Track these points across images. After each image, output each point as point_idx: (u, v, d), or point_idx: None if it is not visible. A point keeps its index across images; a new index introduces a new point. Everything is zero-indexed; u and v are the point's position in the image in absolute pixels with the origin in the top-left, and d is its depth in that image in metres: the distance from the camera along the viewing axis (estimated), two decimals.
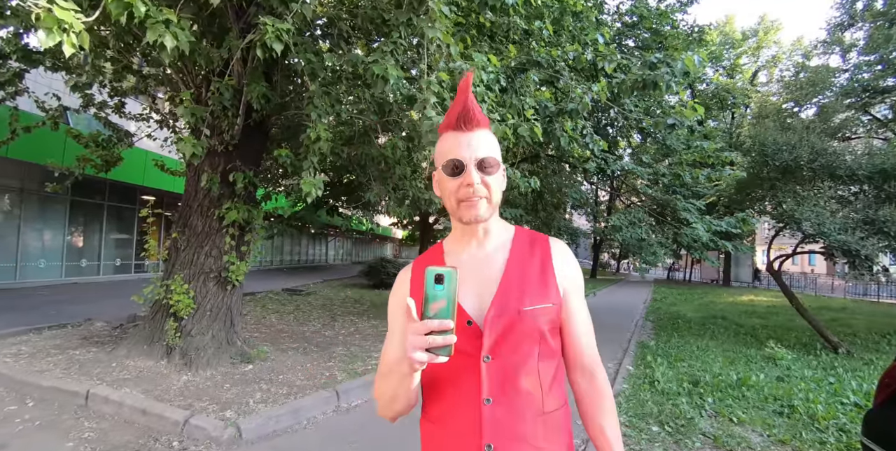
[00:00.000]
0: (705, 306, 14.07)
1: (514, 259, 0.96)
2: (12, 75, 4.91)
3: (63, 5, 2.01)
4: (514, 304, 0.90)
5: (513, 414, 0.87)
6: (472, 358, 0.88)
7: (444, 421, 0.91)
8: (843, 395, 4.66)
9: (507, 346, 0.89)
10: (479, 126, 0.92)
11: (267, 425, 3.36)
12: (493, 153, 0.92)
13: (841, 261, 7.41)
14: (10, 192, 9.74)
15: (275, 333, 6.31)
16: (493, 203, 0.93)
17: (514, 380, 0.88)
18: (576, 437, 3.55)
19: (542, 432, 0.89)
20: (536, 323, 0.90)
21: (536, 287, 0.93)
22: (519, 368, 0.89)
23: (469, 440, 0.86)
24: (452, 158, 0.91)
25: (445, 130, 0.95)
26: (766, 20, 28.06)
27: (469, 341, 0.88)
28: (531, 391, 0.89)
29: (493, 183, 0.92)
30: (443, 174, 0.93)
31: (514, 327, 0.89)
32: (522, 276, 0.94)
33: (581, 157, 5.81)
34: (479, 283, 0.93)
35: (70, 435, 3.09)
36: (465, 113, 0.91)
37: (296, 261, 22.12)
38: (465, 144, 0.91)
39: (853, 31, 19.88)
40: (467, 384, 0.88)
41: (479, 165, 0.90)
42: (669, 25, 10.47)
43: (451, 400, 0.90)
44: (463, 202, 0.91)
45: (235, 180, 4.39)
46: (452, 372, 0.89)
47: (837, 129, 18.34)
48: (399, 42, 3.46)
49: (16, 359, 4.38)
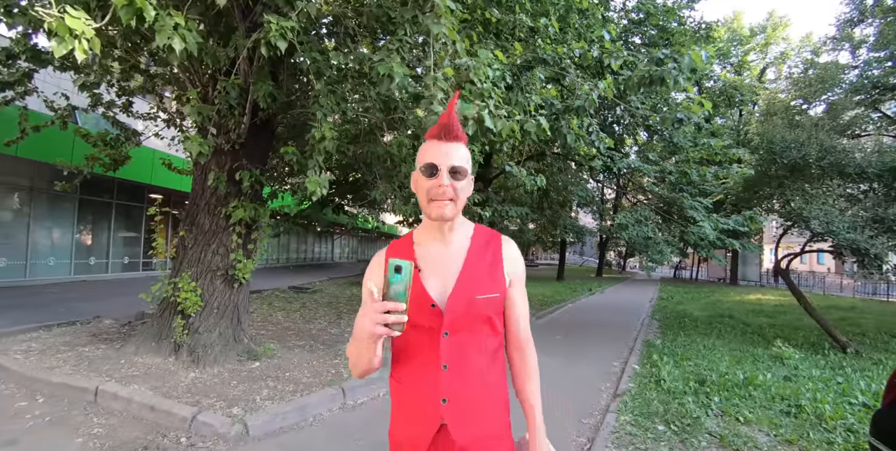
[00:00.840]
0: (712, 304, 13.99)
1: (471, 255, 1.16)
2: (22, 75, 4.96)
3: (74, 14, 2.03)
4: (470, 293, 1.11)
5: (463, 377, 1.10)
6: (434, 333, 1.11)
7: (410, 381, 1.14)
8: (852, 395, 4.62)
9: (462, 325, 1.11)
10: (456, 140, 1.11)
11: (273, 421, 3.38)
12: (464, 164, 1.11)
13: (850, 260, 7.35)
14: (20, 190, 9.84)
15: (281, 330, 6.34)
16: (458, 205, 1.12)
17: (466, 352, 1.11)
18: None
19: (483, 391, 1.13)
20: (485, 309, 1.12)
21: (487, 280, 1.14)
22: (470, 342, 1.12)
23: (430, 396, 1.10)
24: (430, 162, 1.09)
25: (429, 137, 1.13)
26: (774, 16, 27.78)
27: (432, 319, 1.10)
28: (478, 360, 1.12)
29: (461, 188, 1.11)
30: (420, 174, 1.12)
31: (469, 310, 1.11)
32: (477, 269, 1.15)
33: (587, 154, 5.79)
34: (442, 273, 1.14)
35: (80, 431, 3.13)
36: (447, 126, 1.09)
37: (302, 259, 22.22)
38: (443, 153, 1.09)
39: (863, 26, 19.63)
40: (429, 353, 1.11)
41: (450, 171, 1.08)
42: (676, 22, 10.39)
43: (416, 365, 1.13)
44: (433, 201, 1.10)
45: (242, 179, 4.42)
46: (418, 344, 1.12)
47: (847, 126, 18.15)
48: (405, 40, 3.46)
49: (26, 356, 4.43)
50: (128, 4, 2.28)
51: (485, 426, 1.12)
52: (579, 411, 4.12)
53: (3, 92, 5.05)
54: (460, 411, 1.10)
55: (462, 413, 1.10)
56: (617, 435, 3.47)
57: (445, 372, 1.10)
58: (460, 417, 1.09)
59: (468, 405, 1.11)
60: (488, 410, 1.14)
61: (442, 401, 1.09)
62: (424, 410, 1.11)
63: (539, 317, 9.84)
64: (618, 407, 4.04)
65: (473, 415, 1.11)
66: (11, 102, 5.24)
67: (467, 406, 1.11)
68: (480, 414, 1.12)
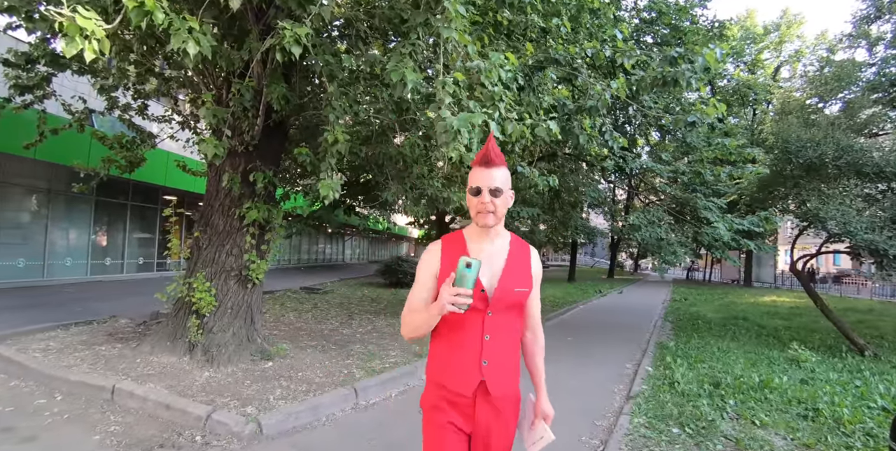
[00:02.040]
0: (726, 306, 13.83)
1: (511, 257, 1.51)
2: (40, 79, 5.06)
3: (85, 14, 2.06)
4: (511, 285, 1.46)
5: (498, 346, 1.46)
6: (480, 312, 1.44)
7: (457, 347, 1.46)
8: (870, 399, 4.54)
9: (502, 308, 1.46)
10: (495, 165, 1.43)
11: (287, 421, 3.40)
12: (501, 185, 1.43)
13: (867, 261, 7.21)
14: (39, 192, 10.02)
15: (294, 331, 6.39)
16: (498, 216, 1.45)
17: (502, 328, 1.47)
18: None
19: (510, 358, 1.49)
20: (519, 298, 1.49)
21: (522, 277, 1.50)
22: (505, 322, 1.48)
23: (474, 358, 1.44)
24: (475, 185, 1.43)
25: (474, 165, 1.47)
26: (788, 14, 27.41)
27: (481, 302, 1.43)
28: (508, 335, 1.50)
29: (500, 203, 1.44)
30: (469, 194, 1.46)
31: (509, 298, 1.46)
32: (515, 268, 1.50)
33: (599, 155, 5.75)
34: (489, 267, 1.47)
35: (97, 428, 3.18)
36: (487, 156, 1.43)
37: (313, 260, 22.34)
38: (485, 177, 1.43)
39: (880, 23, 19.29)
40: (474, 326, 1.45)
41: (491, 191, 1.42)
42: (689, 21, 10.27)
43: (464, 335, 1.45)
44: (479, 213, 1.44)
45: (256, 180, 4.46)
46: (467, 319, 1.44)
47: (864, 125, 17.85)
48: (417, 43, 3.46)
49: (44, 354, 4.51)
50: (138, 6, 2.31)
51: (509, 384, 1.49)
52: (592, 413, 4.09)
53: (22, 96, 5.15)
54: (495, 371, 1.45)
55: (496, 373, 1.45)
56: (631, 438, 3.44)
57: (488, 342, 1.44)
58: (495, 375, 1.45)
59: (500, 367, 1.46)
60: (511, 372, 1.50)
61: (483, 363, 1.43)
62: (470, 369, 1.44)
63: (550, 319, 9.80)
64: (631, 409, 4.01)
65: (503, 375, 1.46)
66: (30, 106, 5.34)
67: (500, 368, 1.46)
68: (507, 374, 1.48)
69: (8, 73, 4.99)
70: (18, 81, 4.99)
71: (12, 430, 3.09)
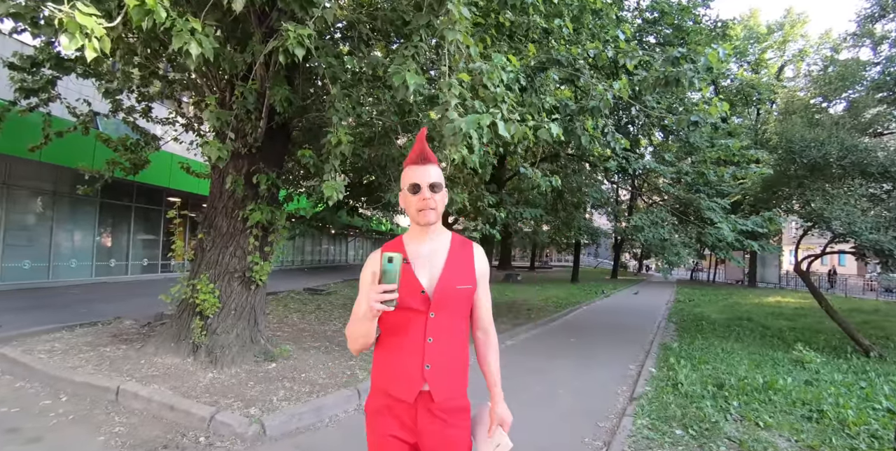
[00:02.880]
0: (730, 307, 13.77)
1: (452, 254, 1.47)
2: (45, 82, 5.10)
3: (85, 11, 2.07)
4: (452, 283, 1.41)
5: (441, 349, 1.40)
6: (422, 314, 1.39)
7: (398, 350, 1.41)
8: (875, 400, 4.51)
9: (444, 308, 1.40)
10: (429, 163, 1.43)
11: (290, 422, 3.42)
12: (439, 180, 1.42)
13: (873, 261, 7.18)
14: (44, 194, 10.09)
15: (297, 332, 6.40)
16: (438, 212, 1.44)
17: (445, 329, 1.41)
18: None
19: (454, 361, 1.43)
20: (462, 297, 1.44)
21: (464, 274, 1.45)
22: (448, 322, 1.42)
23: (416, 362, 1.38)
24: (414, 182, 1.40)
25: (408, 164, 1.45)
26: (792, 13, 27.30)
27: (421, 303, 1.39)
28: (452, 336, 1.43)
29: (439, 199, 1.43)
30: (406, 193, 1.43)
31: (451, 297, 1.41)
32: (457, 266, 1.45)
33: (602, 155, 5.75)
34: (429, 267, 1.43)
35: (101, 429, 3.19)
36: (422, 154, 1.42)
37: (317, 261, 22.38)
38: (422, 174, 1.41)
39: (885, 22, 19.16)
40: (417, 329, 1.39)
41: (430, 187, 1.40)
42: (692, 21, 10.26)
43: (405, 338, 1.40)
44: (420, 211, 1.41)
45: (259, 182, 4.47)
46: (407, 322, 1.40)
47: (869, 124, 17.75)
48: (420, 45, 3.47)
49: (50, 355, 4.54)
50: (139, 5, 2.32)
51: (454, 389, 1.43)
52: (595, 414, 4.08)
53: (27, 99, 5.20)
54: (439, 375, 1.39)
55: (440, 377, 1.39)
56: (634, 439, 3.43)
57: (430, 344, 1.39)
58: (439, 380, 1.39)
59: (445, 371, 1.40)
60: (458, 376, 1.45)
61: (426, 367, 1.38)
62: (412, 373, 1.38)
63: (553, 319, 9.79)
64: (634, 411, 4.00)
65: (448, 379, 1.41)
66: (35, 109, 5.38)
67: (444, 372, 1.40)
68: (453, 379, 1.42)
69: (13, 77, 5.03)
70: (24, 84, 5.03)
71: (18, 431, 3.11)
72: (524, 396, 4.49)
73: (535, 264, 37.55)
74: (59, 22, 2.04)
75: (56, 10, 2.05)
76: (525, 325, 8.42)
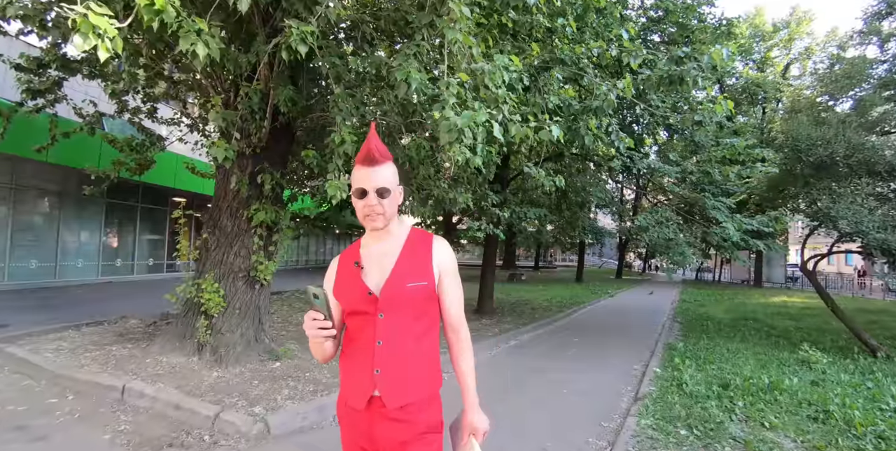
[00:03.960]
0: (735, 307, 13.70)
1: (404, 252, 1.37)
2: (52, 83, 5.13)
3: (98, 11, 2.09)
4: (401, 281, 1.32)
5: (393, 352, 1.30)
6: (371, 316, 1.31)
7: (352, 356, 1.36)
8: (882, 401, 4.48)
9: (394, 308, 1.31)
10: (378, 163, 1.31)
11: (294, 421, 3.43)
12: (387, 184, 1.31)
13: (880, 261, 7.12)
14: (50, 195, 10.17)
15: (301, 331, 6.39)
16: (387, 217, 1.34)
17: (397, 331, 1.31)
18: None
19: (412, 363, 1.32)
20: (415, 294, 1.32)
21: (417, 271, 1.35)
22: (401, 323, 1.32)
23: (366, 367, 1.30)
24: (360, 186, 1.31)
25: (357, 163, 1.34)
26: (797, 11, 27.09)
27: (370, 305, 1.31)
28: (407, 338, 1.32)
29: (387, 204, 1.32)
30: (353, 196, 1.34)
31: (400, 296, 1.31)
32: (409, 263, 1.35)
33: (606, 155, 5.72)
34: (380, 267, 1.35)
35: (107, 427, 3.22)
36: (369, 154, 1.30)
37: (321, 261, 22.42)
38: (369, 177, 1.30)
39: (892, 19, 18.97)
40: (368, 332, 1.32)
41: (377, 192, 1.30)
42: (696, 19, 10.20)
43: (357, 343, 1.35)
44: (367, 216, 1.33)
45: (263, 182, 4.49)
46: (360, 326, 1.34)
47: (876, 122, 17.58)
48: (422, 44, 3.47)
49: (56, 354, 4.57)
50: (149, 5, 2.33)
51: (410, 394, 1.30)
52: (599, 414, 4.07)
53: (34, 100, 5.23)
54: (390, 380, 1.29)
55: (391, 382, 1.29)
56: (638, 439, 3.42)
57: (379, 348, 1.30)
58: (390, 385, 1.29)
59: (398, 375, 1.30)
60: (415, 381, 1.32)
61: (375, 372, 1.29)
62: (361, 379, 1.31)
63: (557, 319, 9.77)
64: (639, 411, 3.99)
65: (401, 384, 1.30)
66: (42, 110, 5.41)
67: (397, 377, 1.30)
68: (408, 384, 1.31)
69: (20, 78, 5.07)
70: (30, 86, 5.06)
71: (25, 429, 3.13)
72: (527, 396, 4.49)
73: (539, 263, 37.50)
74: (72, 22, 2.05)
75: (69, 10, 2.06)
76: (529, 325, 8.41)
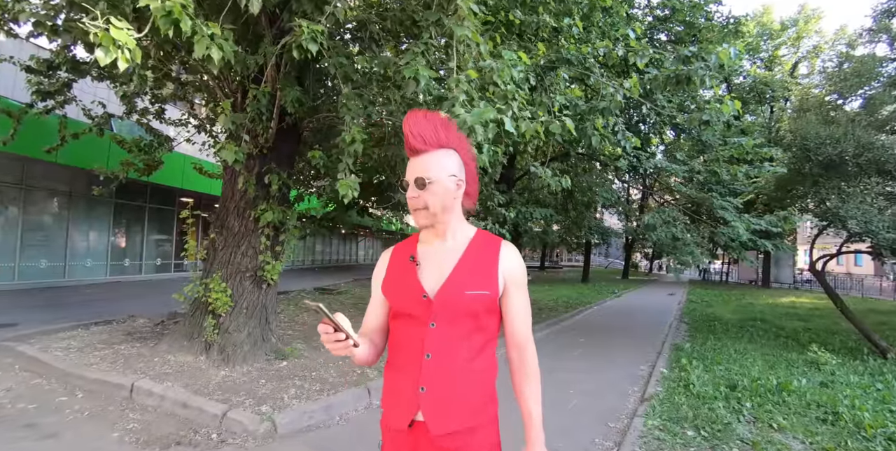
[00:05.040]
0: (743, 307, 13.61)
1: (467, 254, 1.20)
2: (61, 85, 5.18)
3: (118, 24, 2.12)
4: (460, 288, 1.15)
5: (443, 367, 1.13)
6: (422, 324, 1.15)
7: (399, 369, 1.19)
8: (893, 402, 4.43)
9: (449, 317, 1.14)
10: (424, 151, 1.15)
11: (301, 420, 3.44)
12: (428, 173, 1.14)
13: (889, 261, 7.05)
14: (60, 195, 10.26)
15: (308, 331, 6.44)
16: (431, 212, 1.16)
17: (450, 343, 1.14)
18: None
19: (463, 383, 1.14)
20: (474, 304, 1.15)
21: (479, 278, 1.17)
22: (455, 335, 1.14)
23: (411, 383, 1.14)
24: (405, 178, 1.18)
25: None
26: (806, 9, 26.88)
27: (422, 310, 1.15)
28: (461, 353, 1.14)
29: (429, 196, 1.15)
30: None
31: (457, 304, 1.14)
32: (471, 268, 1.18)
33: (612, 154, 5.71)
34: (437, 269, 1.19)
35: (116, 426, 3.24)
36: (407, 143, 1.16)
37: (327, 261, 22.50)
38: (411, 168, 1.17)
39: None
40: (415, 342, 1.15)
41: (416, 183, 1.15)
42: (703, 17, 10.16)
43: (405, 354, 1.18)
44: (413, 212, 1.19)
45: (270, 182, 4.51)
46: (409, 334, 1.18)
47: (886, 121, 17.41)
48: (430, 43, 3.48)
49: (66, 353, 4.61)
50: (166, 15, 2.36)
51: (461, 419, 1.12)
52: (606, 415, 4.06)
53: (44, 101, 5.28)
54: (437, 400, 1.12)
55: (438, 403, 1.12)
56: (645, 440, 3.41)
57: (427, 361, 1.13)
58: (436, 407, 1.12)
59: (446, 395, 1.12)
60: (467, 402, 1.14)
61: (420, 389, 1.12)
62: (404, 395, 1.15)
63: (563, 320, 9.75)
64: (645, 411, 3.97)
65: (450, 406, 1.12)
66: (52, 111, 5.47)
67: (444, 396, 1.12)
68: (458, 406, 1.13)
69: (30, 80, 5.12)
70: (40, 87, 5.12)
71: (35, 426, 3.16)
72: None
73: (545, 263, 37.42)
74: (94, 36, 2.09)
75: (92, 25, 2.10)
76: (535, 325, 8.37)
